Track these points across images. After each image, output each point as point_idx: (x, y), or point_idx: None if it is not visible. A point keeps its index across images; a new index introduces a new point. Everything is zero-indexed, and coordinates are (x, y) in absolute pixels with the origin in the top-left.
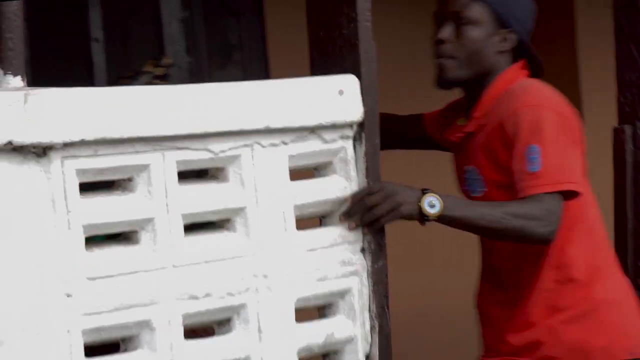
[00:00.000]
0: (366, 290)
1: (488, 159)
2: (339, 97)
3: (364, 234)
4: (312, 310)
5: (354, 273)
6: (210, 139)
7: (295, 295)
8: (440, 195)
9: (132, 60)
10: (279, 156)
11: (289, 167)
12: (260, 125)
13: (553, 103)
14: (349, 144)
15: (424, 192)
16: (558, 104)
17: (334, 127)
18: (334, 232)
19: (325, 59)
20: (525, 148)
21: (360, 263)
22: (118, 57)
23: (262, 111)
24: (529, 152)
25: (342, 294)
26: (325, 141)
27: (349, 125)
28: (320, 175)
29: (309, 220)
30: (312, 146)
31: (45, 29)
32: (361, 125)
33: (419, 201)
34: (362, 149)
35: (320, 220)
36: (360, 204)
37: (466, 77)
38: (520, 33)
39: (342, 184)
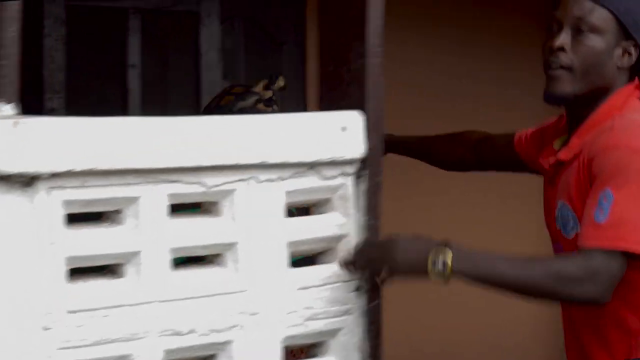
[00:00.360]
0: (359, 330)
1: (581, 196)
2: (341, 133)
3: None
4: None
5: (346, 312)
6: (204, 172)
7: (284, 334)
8: (455, 250)
9: (169, 87)
10: (275, 192)
11: (286, 203)
12: (256, 160)
13: None
14: (349, 181)
15: (438, 248)
16: None
17: (334, 163)
18: (328, 270)
19: (332, 93)
20: (600, 192)
21: (353, 302)
22: (154, 84)
23: (259, 146)
24: (602, 197)
25: (333, 333)
26: (325, 177)
27: (350, 162)
28: (318, 212)
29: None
30: (310, 182)
31: (84, 54)
32: (363, 162)
33: (426, 260)
34: (363, 186)
35: (315, 258)
36: (360, 256)
37: (580, 92)
38: None
39: (340, 221)
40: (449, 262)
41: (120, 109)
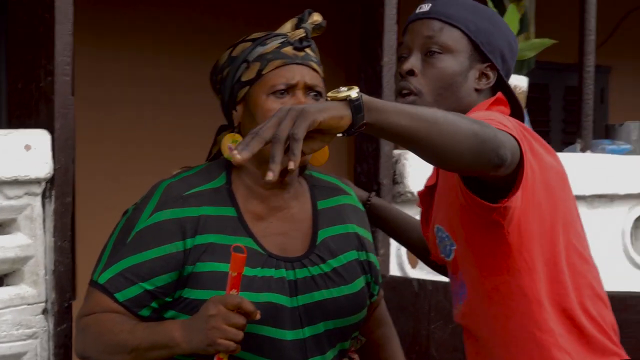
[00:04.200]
0: (45, 354)
1: (449, 207)
2: (25, 152)
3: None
4: None
5: (32, 336)
6: None
7: None
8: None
9: None
10: None
11: None
12: None
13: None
14: (36, 201)
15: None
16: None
17: (18, 182)
18: (12, 292)
19: (22, 111)
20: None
21: (40, 325)
22: None
23: None
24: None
25: (17, 357)
26: (8, 197)
27: (37, 181)
28: (2, 232)
29: None
30: None
31: None
32: (51, 182)
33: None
34: (51, 207)
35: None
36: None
37: None
38: (501, 70)
39: (25, 242)
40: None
41: None
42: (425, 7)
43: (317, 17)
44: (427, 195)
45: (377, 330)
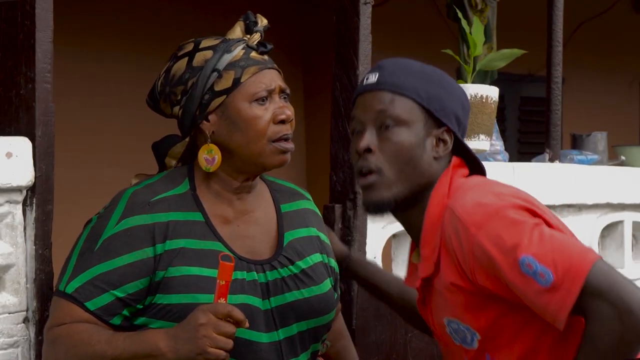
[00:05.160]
0: None
1: (462, 303)
2: (6, 159)
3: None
4: None
5: (13, 345)
6: None
7: None
8: None
9: None
10: None
11: None
12: None
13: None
14: (17, 209)
15: None
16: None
17: None
18: None
19: (2, 118)
20: (516, 269)
21: (22, 334)
22: None
23: None
24: (525, 268)
25: None
26: None
27: (18, 189)
28: None
29: None
30: None
31: None
32: (32, 190)
33: None
34: (32, 215)
35: None
36: None
37: (400, 195)
38: (457, 131)
39: (6, 250)
40: None
41: None
42: (373, 78)
43: (265, 20)
44: (423, 285)
45: (337, 343)
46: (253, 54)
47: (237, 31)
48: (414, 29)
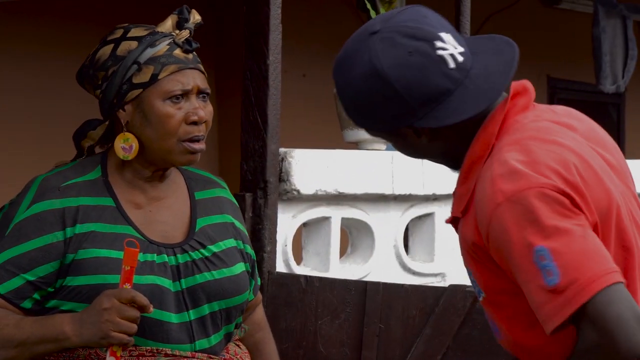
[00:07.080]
0: None
1: (473, 258)
2: None
3: None
4: None
5: None
6: None
7: None
8: None
9: None
10: None
11: None
12: None
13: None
14: None
15: None
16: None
17: None
18: None
19: None
20: (526, 255)
21: None
22: None
23: None
24: (536, 258)
25: None
26: None
27: None
28: None
29: None
30: None
31: None
32: None
33: None
34: None
35: None
36: None
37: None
38: (416, 117)
39: None
40: None
41: None
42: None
43: (198, 17)
44: (453, 223)
45: (255, 334)
46: (177, 51)
47: (168, 24)
48: (324, 18)
